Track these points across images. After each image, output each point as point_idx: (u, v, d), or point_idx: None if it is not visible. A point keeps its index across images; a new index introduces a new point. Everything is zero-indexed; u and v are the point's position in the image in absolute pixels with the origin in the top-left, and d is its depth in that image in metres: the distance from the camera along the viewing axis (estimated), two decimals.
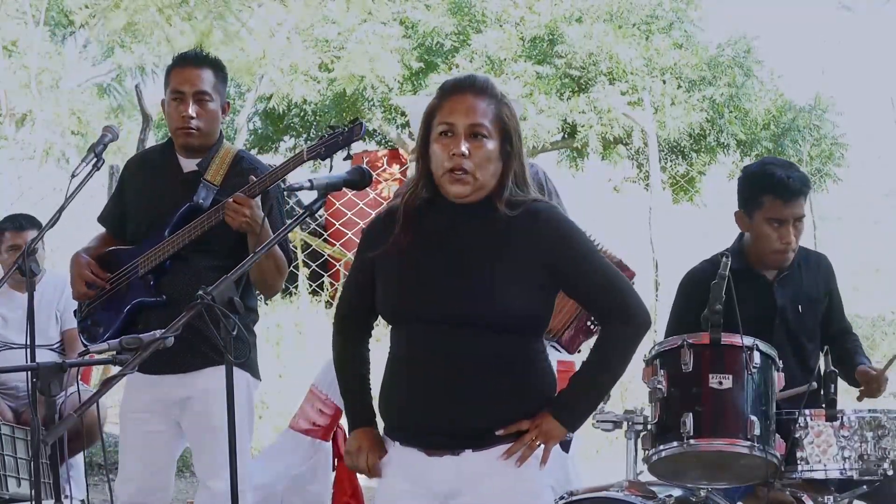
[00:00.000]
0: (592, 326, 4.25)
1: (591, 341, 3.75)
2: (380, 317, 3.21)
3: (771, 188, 4.09)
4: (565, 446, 3.19)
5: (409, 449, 3.08)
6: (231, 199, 3.83)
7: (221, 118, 4.17)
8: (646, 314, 3.09)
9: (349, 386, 3.25)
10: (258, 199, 3.87)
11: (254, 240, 3.85)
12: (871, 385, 4.19)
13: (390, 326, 3.16)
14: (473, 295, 2.98)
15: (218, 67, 4.16)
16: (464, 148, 2.98)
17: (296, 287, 11.27)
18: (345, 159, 3.63)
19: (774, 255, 4.14)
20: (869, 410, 3.82)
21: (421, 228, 3.09)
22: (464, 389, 2.98)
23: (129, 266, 4.10)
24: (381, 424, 3.23)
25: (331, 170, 12.51)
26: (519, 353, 3.03)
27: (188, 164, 4.14)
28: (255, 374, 4.12)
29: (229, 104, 4.27)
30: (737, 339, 3.67)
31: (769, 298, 4.17)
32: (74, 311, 4.31)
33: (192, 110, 4.06)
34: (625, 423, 3.82)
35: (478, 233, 3.04)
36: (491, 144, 3.01)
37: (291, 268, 4.20)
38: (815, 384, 3.98)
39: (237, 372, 3.86)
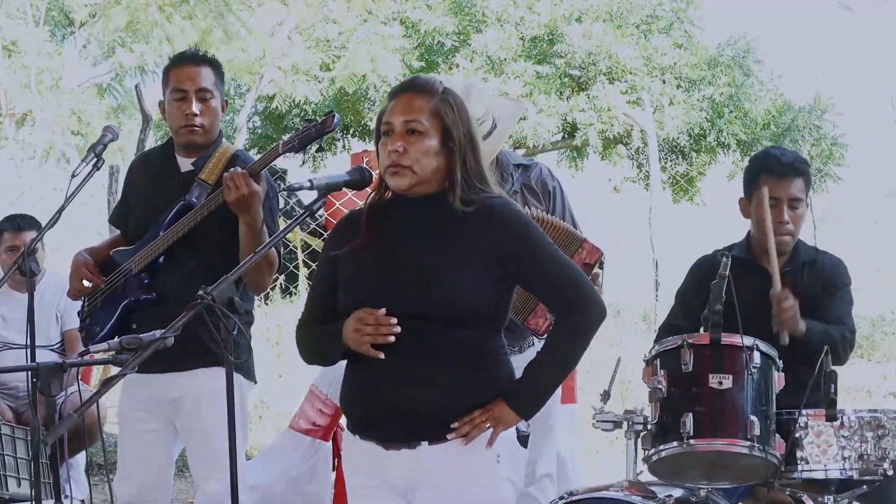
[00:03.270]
0: None
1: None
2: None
3: (765, 166, 4.14)
4: (524, 442, 3.23)
5: (367, 443, 3.12)
6: (232, 171, 3.81)
7: (221, 116, 4.18)
8: (601, 305, 3.14)
9: (320, 335, 3.23)
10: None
11: (248, 229, 3.86)
12: (778, 312, 3.90)
13: None
14: (429, 289, 3.04)
15: (216, 65, 4.17)
16: (398, 145, 3.06)
17: (296, 287, 11.27)
18: (316, 151, 3.68)
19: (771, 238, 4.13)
20: (869, 410, 3.82)
21: (381, 228, 3.15)
22: (420, 382, 3.03)
23: (125, 265, 4.11)
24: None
25: (303, 160, 12.50)
26: (475, 346, 3.08)
27: (185, 164, 4.14)
28: (249, 376, 4.12)
29: (227, 102, 4.27)
30: (737, 339, 3.67)
31: (769, 291, 4.16)
32: (78, 312, 4.32)
33: (195, 108, 4.05)
34: (625, 423, 3.82)
35: (434, 228, 3.10)
36: (429, 140, 3.08)
37: (292, 267, 4.21)
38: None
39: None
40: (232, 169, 3.88)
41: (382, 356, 3.01)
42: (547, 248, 3.14)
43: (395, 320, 3.00)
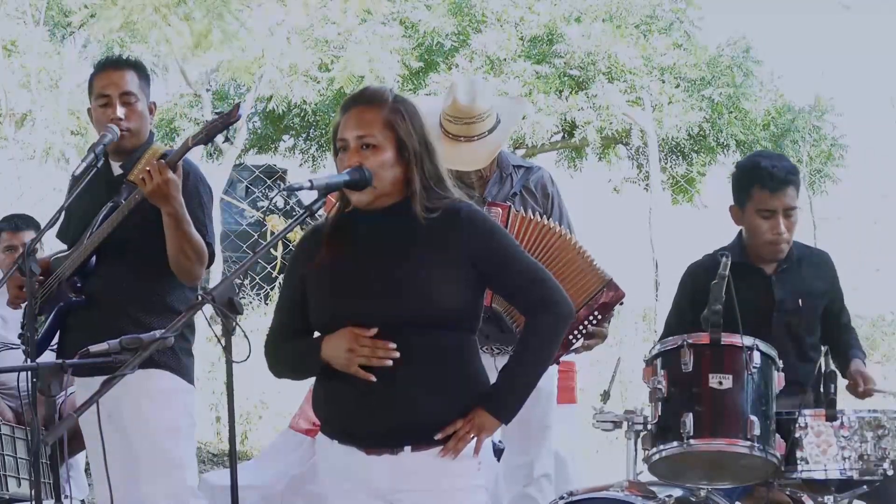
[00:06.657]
0: (573, 339, 4.21)
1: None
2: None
3: (758, 179, 4.13)
4: (498, 455, 3.27)
5: (347, 448, 3.13)
6: (145, 164, 3.83)
7: (150, 119, 4.18)
8: (568, 304, 3.17)
9: (294, 351, 3.23)
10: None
11: (170, 219, 3.86)
12: (857, 389, 4.19)
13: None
14: (404, 295, 3.06)
15: (139, 68, 4.21)
16: (354, 161, 3.08)
17: None
18: (224, 142, 3.71)
19: (767, 247, 4.16)
20: (869, 410, 3.83)
21: (347, 240, 3.17)
22: (403, 388, 3.04)
23: (59, 269, 4.13)
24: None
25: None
26: (452, 348, 3.10)
27: (118, 168, 4.17)
28: (187, 378, 4.10)
29: (155, 104, 4.27)
30: (737, 339, 3.68)
31: (767, 292, 4.19)
32: (20, 322, 4.34)
33: (120, 112, 4.07)
34: (625, 423, 3.83)
35: (402, 236, 3.11)
36: (384, 152, 3.09)
37: None
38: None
39: (167, 376, 3.88)
40: (144, 161, 3.91)
41: (374, 379, 3.02)
42: (514, 249, 3.18)
43: (393, 345, 3.01)
